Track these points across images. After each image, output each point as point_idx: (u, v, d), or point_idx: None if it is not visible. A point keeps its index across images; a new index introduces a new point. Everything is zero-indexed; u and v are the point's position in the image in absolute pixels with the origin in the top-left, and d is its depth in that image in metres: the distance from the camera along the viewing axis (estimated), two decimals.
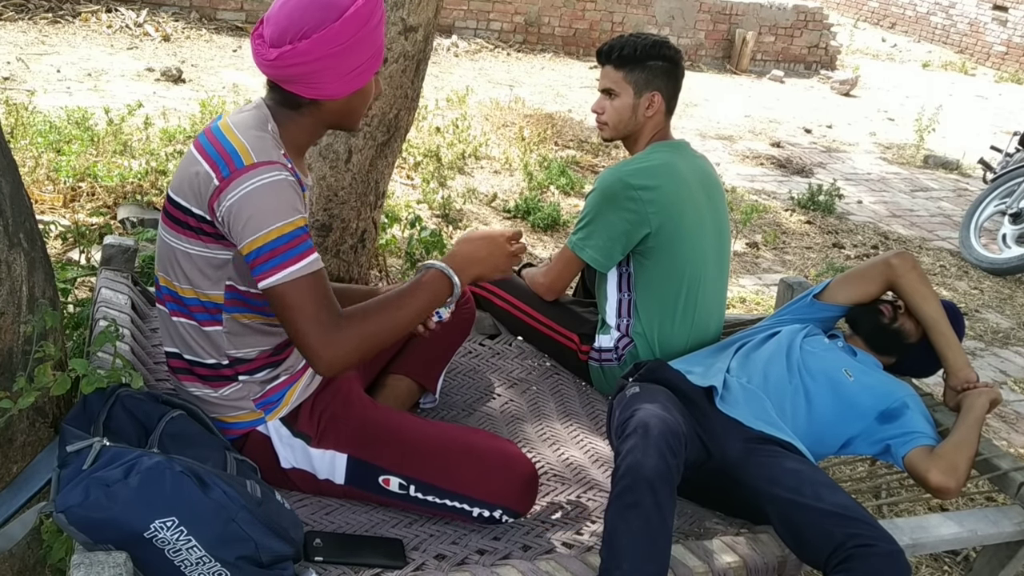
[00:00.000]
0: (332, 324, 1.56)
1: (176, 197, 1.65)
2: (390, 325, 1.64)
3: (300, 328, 1.55)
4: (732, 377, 2.19)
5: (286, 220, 1.55)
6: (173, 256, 1.69)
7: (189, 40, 7.69)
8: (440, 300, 1.70)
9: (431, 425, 1.90)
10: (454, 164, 5.59)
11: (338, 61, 1.60)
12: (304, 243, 1.56)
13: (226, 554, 1.44)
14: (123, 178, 4.13)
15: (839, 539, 1.71)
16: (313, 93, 1.64)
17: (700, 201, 2.43)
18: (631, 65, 2.39)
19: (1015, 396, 3.88)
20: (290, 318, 1.56)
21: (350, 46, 1.59)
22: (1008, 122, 9.42)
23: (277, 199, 1.55)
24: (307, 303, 1.55)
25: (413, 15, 2.86)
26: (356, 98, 1.70)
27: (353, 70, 1.63)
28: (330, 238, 3.11)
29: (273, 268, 1.54)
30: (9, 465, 1.74)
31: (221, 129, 1.63)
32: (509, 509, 1.81)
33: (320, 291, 1.57)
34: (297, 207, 1.58)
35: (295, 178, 1.63)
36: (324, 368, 1.59)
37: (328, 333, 1.55)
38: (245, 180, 1.55)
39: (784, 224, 5.65)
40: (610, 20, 9.92)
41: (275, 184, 1.56)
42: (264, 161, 1.57)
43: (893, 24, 14.79)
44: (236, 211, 1.55)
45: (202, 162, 1.60)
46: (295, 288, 1.54)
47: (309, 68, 1.59)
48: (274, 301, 1.57)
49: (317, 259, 1.58)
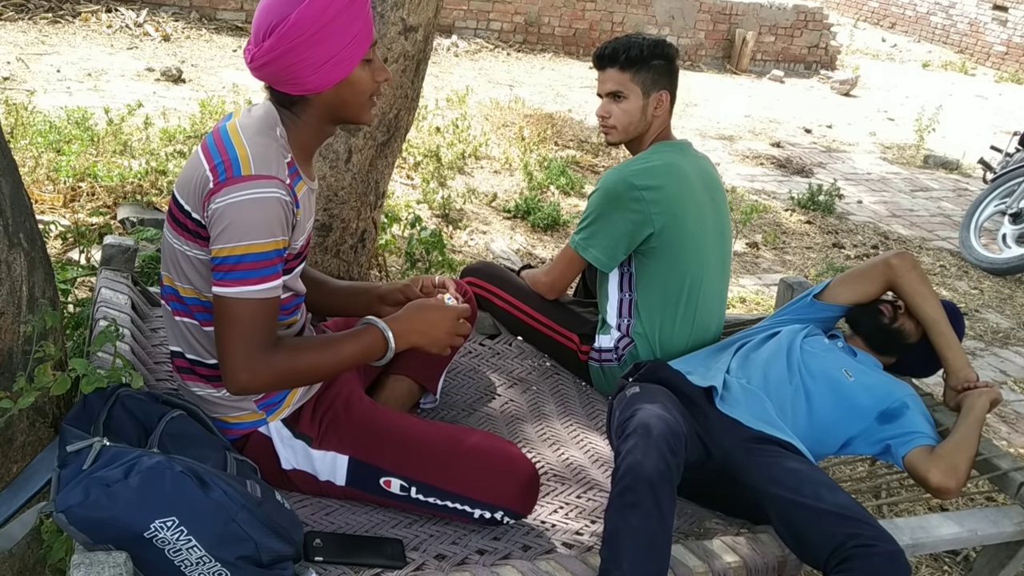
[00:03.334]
0: (260, 352, 1.59)
1: (180, 199, 1.66)
2: (315, 368, 1.68)
3: (229, 343, 1.58)
4: (732, 377, 2.19)
5: (261, 240, 1.56)
6: (175, 257, 1.70)
7: (189, 40, 7.69)
8: (372, 356, 1.72)
9: (432, 426, 1.90)
10: (454, 164, 5.59)
11: (307, 53, 1.60)
12: (270, 267, 1.58)
13: (226, 554, 1.44)
14: (123, 178, 4.13)
15: (839, 539, 1.71)
16: (296, 89, 1.65)
17: (703, 201, 2.43)
18: (638, 66, 2.38)
19: (1015, 396, 3.88)
20: (224, 330, 1.59)
21: (314, 37, 1.59)
22: (1008, 122, 9.41)
23: (261, 216, 1.56)
24: (245, 324, 1.58)
25: (413, 15, 2.86)
26: (345, 89, 1.68)
27: (327, 61, 1.62)
28: (330, 238, 3.11)
29: (231, 281, 1.56)
30: (9, 465, 1.74)
31: (228, 132, 1.63)
32: (510, 510, 1.81)
33: (264, 318, 1.59)
34: (281, 228, 1.59)
35: (290, 196, 1.62)
36: (232, 388, 1.62)
37: (252, 359, 1.58)
38: (238, 189, 1.56)
39: (784, 224, 5.65)
40: (610, 20, 9.92)
41: (264, 201, 1.56)
42: (262, 175, 1.57)
43: (893, 24, 14.78)
44: (219, 215, 1.57)
45: (204, 164, 1.61)
46: (242, 307, 1.57)
47: (280, 64, 1.61)
48: (218, 308, 1.60)
49: (276, 287, 1.60)
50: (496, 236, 4.67)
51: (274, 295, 1.60)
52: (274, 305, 1.61)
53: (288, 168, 1.65)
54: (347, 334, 1.72)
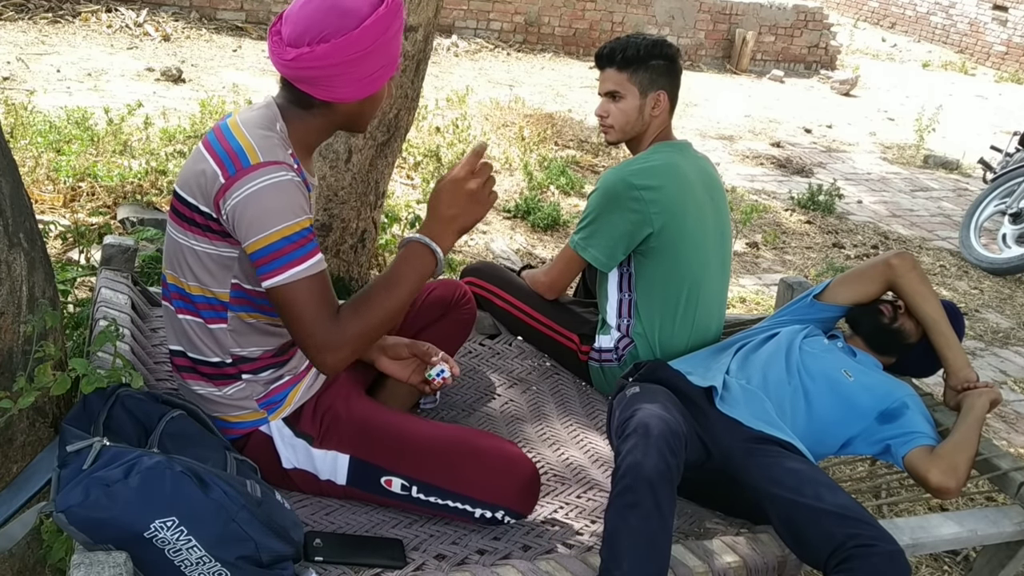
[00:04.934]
0: (333, 325, 1.58)
1: (183, 193, 1.66)
2: (383, 314, 1.62)
3: (304, 329, 1.57)
4: (732, 377, 2.19)
5: (291, 221, 1.56)
6: (181, 253, 1.70)
7: (189, 40, 7.69)
8: (428, 271, 1.65)
9: (433, 426, 1.90)
10: (454, 164, 5.57)
11: (354, 67, 1.61)
12: (309, 244, 1.57)
13: (226, 554, 1.44)
14: (123, 178, 4.13)
15: (839, 539, 1.71)
16: (327, 95, 1.65)
17: (703, 201, 2.43)
18: (635, 66, 2.38)
19: (1015, 396, 3.88)
20: (293, 318, 1.58)
21: (367, 53, 1.60)
22: (1008, 122, 9.41)
23: (282, 199, 1.56)
24: (309, 304, 1.56)
25: (413, 15, 2.86)
26: (368, 102, 1.71)
27: (368, 76, 1.64)
28: (330, 238, 3.11)
29: (277, 269, 1.55)
30: (9, 465, 1.74)
31: (230, 127, 1.63)
32: (511, 510, 1.82)
33: (322, 292, 1.58)
34: (303, 207, 1.59)
35: (301, 178, 1.64)
36: (329, 368, 1.61)
37: (330, 334, 1.57)
38: (251, 179, 1.56)
39: (784, 224, 5.65)
40: (610, 20, 9.92)
41: (281, 184, 1.56)
42: (270, 161, 1.58)
43: (893, 24, 14.79)
44: (241, 209, 1.56)
45: (209, 160, 1.61)
46: (298, 289, 1.56)
47: (325, 72, 1.60)
48: (277, 301, 1.58)
49: (321, 260, 1.59)
50: (496, 236, 4.67)
51: (322, 267, 1.59)
52: (325, 277, 1.60)
53: (291, 159, 1.65)
54: (394, 267, 1.64)
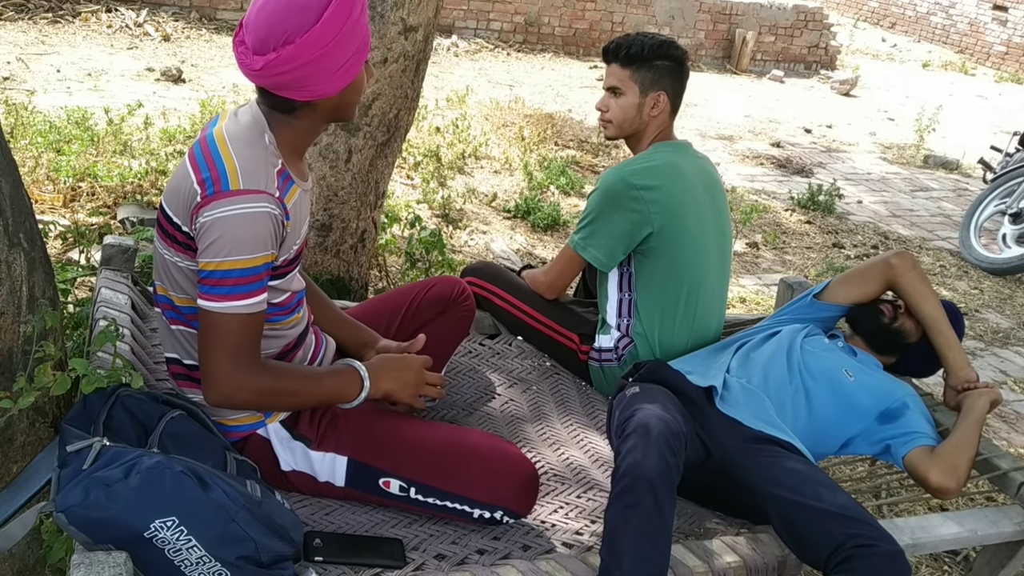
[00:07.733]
0: (245, 366, 1.61)
1: (168, 211, 1.65)
2: (294, 394, 1.73)
3: (214, 355, 1.60)
4: (732, 377, 2.19)
5: (250, 255, 1.56)
6: (166, 267, 1.70)
7: (189, 40, 7.69)
8: (348, 396, 1.78)
9: (431, 427, 1.90)
10: (454, 164, 5.59)
11: (325, 61, 1.58)
12: (256, 282, 1.58)
13: (226, 554, 1.44)
14: (123, 178, 4.14)
15: (839, 539, 1.71)
16: (306, 96, 1.63)
17: (702, 201, 2.43)
18: (638, 64, 2.38)
19: (1015, 396, 3.88)
20: (209, 343, 1.60)
21: (334, 44, 1.57)
22: (1008, 122, 9.42)
23: (249, 231, 1.56)
24: (230, 338, 1.59)
25: (413, 15, 2.86)
26: (349, 91, 1.68)
27: (342, 66, 1.61)
28: (330, 238, 3.11)
29: (217, 295, 1.57)
30: (9, 465, 1.74)
31: (216, 141, 1.61)
32: (510, 510, 1.81)
33: (249, 333, 1.61)
34: (267, 243, 1.58)
35: (280, 210, 1.62)
36: (215, 400, 1.64)
37: (237, 372, 1.60)
38: (227, 204, 1.55)
39: (784, 224, 5.65)
40: (610, 20, 9.92)
41: (254, 216, 1.56)
42: (251, 189, 1.56)
43: (893, 24, 14.78)
44: (208, 228, 1.56)
45: (192, 177, 1.59)
46: (227, 321, 1.58)
47: (298, 73, 1.58)
48: (203, 321, 1.60)
49: (262, 301, 1.61)
50: (496, 236, 4.67)
51: (259, 310, 1.61)
52: (259, 320, 1.62)
53: (278, 177, 1.64)
54: (328, 369, 1.79)
